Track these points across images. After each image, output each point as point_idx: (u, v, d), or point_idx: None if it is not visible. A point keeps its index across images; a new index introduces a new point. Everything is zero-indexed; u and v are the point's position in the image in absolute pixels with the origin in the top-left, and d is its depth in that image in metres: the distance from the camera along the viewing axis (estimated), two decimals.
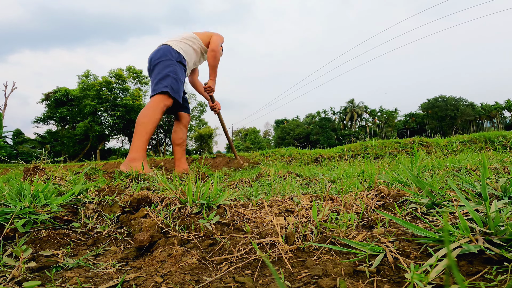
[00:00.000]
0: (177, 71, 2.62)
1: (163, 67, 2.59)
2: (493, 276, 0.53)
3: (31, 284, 0.57)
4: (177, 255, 0.72)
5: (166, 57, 2.63)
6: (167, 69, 2.57)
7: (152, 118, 2.45)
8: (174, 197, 1.05)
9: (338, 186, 1.28)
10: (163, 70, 2.58)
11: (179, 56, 2.71)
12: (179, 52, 2.72)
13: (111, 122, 29.79)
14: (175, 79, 2.58)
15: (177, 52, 2.70)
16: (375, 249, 0.66)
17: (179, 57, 2.70)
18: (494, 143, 4.08)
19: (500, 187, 0.93)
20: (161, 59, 2.62)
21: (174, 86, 2.57)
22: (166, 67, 2.59)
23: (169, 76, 2.56)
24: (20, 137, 27.45)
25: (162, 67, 2.59)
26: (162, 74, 2.56)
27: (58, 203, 1.01)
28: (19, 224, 0.85)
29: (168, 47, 2.69)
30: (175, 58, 2.66)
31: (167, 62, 2.61)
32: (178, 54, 2.70)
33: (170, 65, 2.60)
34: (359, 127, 65.47)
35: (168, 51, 2.65)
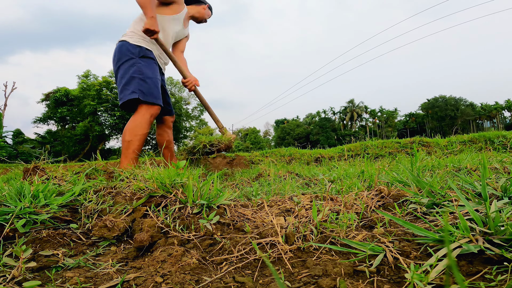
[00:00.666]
0: (141, 69, 2.25)
1: (126, 69, 2.25)
2: (493, 276, 0.53)
3: (31, 284, 0.57)
4: (177, 255, 0.72)
5: (126, 56, 2.26)
6: (130, 71, 2.23)
7: (138, 135, 2.18)
8: (173, 196, 1.05)
9: (338, 186, 1.28)
10: (126, 73, 2.24)
11: (141, 50, 2.29)
12: (139, 44, 2.30)
13: (111, 122, 29.79)
14: (142, 79, 2.23)
15: (136, 46, 2.29)
16: (375, 249, 0.66)
17: (140, 51, 2.29)
18: (494, 143, 4.08)
19: (500, 187, 0.93)
20: (121, 61, 2.28)
21: (144, 89, 2.21)
22: (128, 68, 2.24)
23: (134, 78, 2.21)
24: (20, 137, 27.46)
25: (124, 70, 2.26)
26: (126, 78, 2.23)
27: (58, 203, 1.01)
28: (19, 224, 0.85)
29: (124, 43, 2.30)
30: (136, 54, 2.27)
31: (128, 63, 2.25)
32: (139, 48, 2.29)
33: (132, 65, 2.24)
34: (359, 127, 65.48)
35: (125, 49, 2.28)
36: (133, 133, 2.17)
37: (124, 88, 2.22)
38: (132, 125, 2.20)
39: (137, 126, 2.19)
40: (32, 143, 26.81)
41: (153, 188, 1.09)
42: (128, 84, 2.21)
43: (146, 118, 2.23)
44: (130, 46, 2.28)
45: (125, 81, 2.22)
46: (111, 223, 0.92)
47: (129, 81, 2.21)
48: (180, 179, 1.14)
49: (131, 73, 2.22)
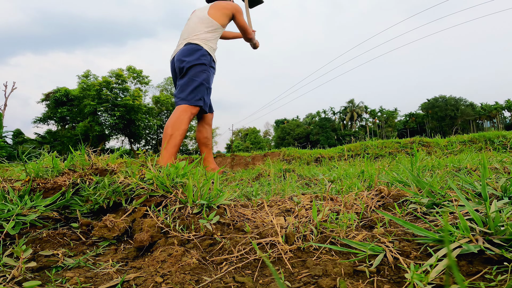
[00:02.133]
0: (209, 78, 2.40)
1: (196, 74, 2.35)
2: (493, 276, 0.53)
3: (31, 284, 0.57)
4: (177, 255, 0.72)
5: (199, 61, 2.36)
6: (201, 77, 2.35)
7: (180, 130, 2.27)
8: (173, 196, 1.05)
9: (338, 186, 1.28)
10: (196, 77, 2.34)
11: (211, 59, 2.45)
12: (210, 53, 2.45)
13: (111, 122, 29.81)
14: (208, 88, 2.39)
15: (209, 54, 2.44)
16: (375, 249, 0.66)
17: (210, 61, 2.44)
18: (494, 143, 4.08)
19: (500, 187, 0.93)
20: (194, 62, 2.36)
21: (206, 98, 2.38)
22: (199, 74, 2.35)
23: (202, 85, 2.35)
24: (20, 137, 27.47)
25: (194, 73, 2.35)
26: (196, 83, 2.33)
27: (46, 204, 1.01)
28: (9, 226, 0.85)
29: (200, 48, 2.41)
30: (208, 62, 2.41)
31: (200, 68, 2.36)
32: (210, 57, 2.44)
33: (204, 71, 2.37)
34: (359, 127, 65.50)
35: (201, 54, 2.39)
36: (176, 127, 2.26)
37: (192, 92, 2.33)
38: (176, 120, 2.29)
39: (181, 121, 2.29)
40: (32, 143, 26.83)
41: (153, 188, 1.09)
42: (197, 89, 2.33)
43: (188, 115, 2.32)
44: (204, 51, 2.42)
45: (195, 85, 2.33)
46: (111, 223, 0.92)
47: (197, 87, 2.34)
48: (180, 179, 1.14)
49: (201, 80, 2.35)
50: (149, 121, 33.18)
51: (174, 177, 1.14)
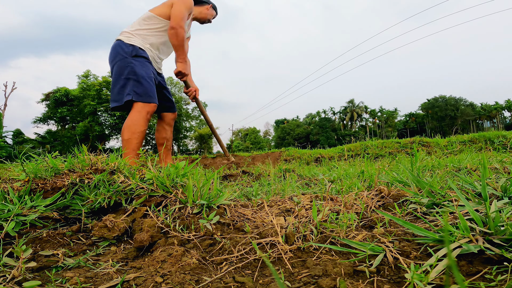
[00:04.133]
0: (134, 69, 2.24)
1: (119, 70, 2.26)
2: (493, 276, 0.53)
3: (31, 284, 0.57)
4: (177, 255, 0.72)
5: (119, 55, 2.27)
6: (124, 72, 2.24)
7: (136, 133, 2.17)
8: (173, 196, 1.05)
9: (338, 186, 1.28)
10: (120, 74, 2.25)
11: (134, 49, 2.29)
12: (133, 44, 2.30)
13: (111, 122, 29.82)
14: (136, 80, 2.23)
15: (130, 45, 2.30)
16: (375, 249, 0.66)
17: (133, 50, 2.29)
18: (494, 143, 4.08)
19: (500, 187, 0.93)
20: (115, 60, 2.29)
21: (137, 89, 2.21)
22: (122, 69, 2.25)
23: (128, 79, 2.22)
24: (20, 137, 27.48)
25: (118, 70, 2.27)
26: (121, 80, 2.24)
27: (46, 204, 1.01)
28: (9, 227, 0.85)
29: (119, 42, 2.32)
30: (129, 53, 2.27)
31: (122, 63, 2.26)
32: (132, 47, 2.29)
33: (126, 66, 2.25)
34: (359, 127, 65.51)
35: (119, 48, 2.29)
36: (131, 131, 2.17)
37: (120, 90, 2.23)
38: (130, 123, 2.19)
39: (134, 123, 2.19)
40: (32, 143, 26.83)
41: (153, 188, 1.09)
42: (124, 87, 2.22)
43: (142, 115, 2.22)
44: (124, 45, 2.29)
45: (121, 83, 2.23)
46: (111, 223, 0.92)
47: (124, 83, 2.22)
48: (180, 179, 1.14)
49: (126, 75, 2.23)
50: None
51: (174, 177, 1.14)
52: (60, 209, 1.09)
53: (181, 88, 41.44)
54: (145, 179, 1.15)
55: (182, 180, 1.15)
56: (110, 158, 1.34)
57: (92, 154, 1.36)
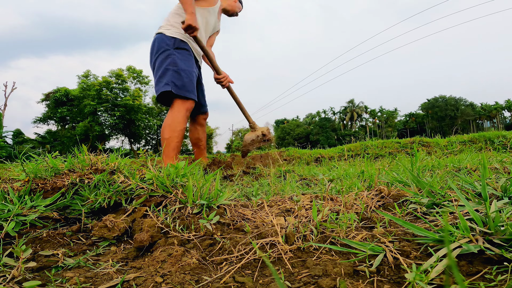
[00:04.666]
0: (176, 61, 2.23)
1: (161, 62, 2.24)
2: (493, 276, 0.53)
3: (31, 284, 0.57)
4: (177, 255, 0.72)
5: (161, 48, 2.26)
6: (165, 63, 2.22)
7: (176, 131, 2.15)
8: (173, 196, 1.05)
9: (338, 186, 1.28)
10: (161, 65, 2.24)
11: (175, 41, 2.29)
12: (174, 36, 2.30)
13: (111, 122, 29.83)
14: (176, 71, 2.20)
15: (172, 37, 2.29)
16: (375, 249, 0.66)
17: (175, 43, 2.28)
18: (494, 143, 4.08)
19: (500, 187, 0.93)
20: (158, 52, 2.27)
21: (177, 81, 2.19)
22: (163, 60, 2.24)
23: (168, 70, 2.20)
24: (20, 137, 27.48)
25: (159, 62, 2.25)
26: (161, 70, 2.22)
27: (46, 204, 1.01)
28: (9, 227, 0.85)
29: (160, 35, 2.31)
30: (171, 45, 2.27)
31: (163, 54, 2.25)
32: (174, 39, 2.29)
33: (168, 56, 2.23)
34: (359, 127, 65.50)
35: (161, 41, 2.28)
36: (172, 129, 2.14)
37: (159, 80, 2.21)
38: (170, 121, 2.17)
39: (175, 121, 2.16)
40: (32, 143, 26.84)
41: (153, 188, 1.09)
42: (163, 76, 2.20)
43: (182, 113, 2.19)
44: (165, 37, 2.28)
45: (160, 73, 2.21)
46: (111, 223, 0.91)
47: (163, 73, 2.20)
48: (180, 179, 1.14)
49: (166, 65, 2.21)
50: (149, 121, 33.21)
51: (174, 177, 1.14)
52: (60, 209, 1.09)
53: None
54: (145, 179, 1.15)
55: (182, 180, 1.15)
56: (110, 158, 1.34)
57: (92, 154, 1.36)
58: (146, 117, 32.77)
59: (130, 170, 1.24)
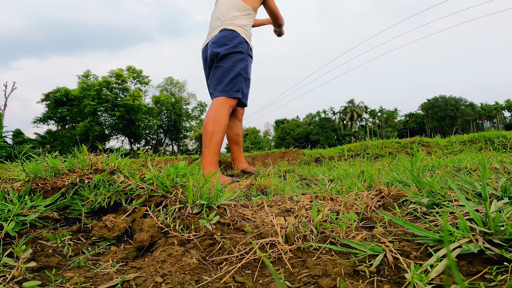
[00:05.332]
0: (247, 68, 2.20)
1: (234, 63, 2.15)
2: (493, 276, 0.53)
3: (31, 284, 0.57)
4: (177, 255, 0.72)
5: (237, 48, 2.16)
6: (239, 67, 2.15)
7: (221, 125, 2.09)
8: (173, 196, 1.05)
9: (338, 186, 1.28)
10: (234, 67, 2.14)
11: (248, 47, 2.25)
12: (247, 41, 2.24)
13: (111, 122, 29.85)
14: (246, 79, 2.19)
15: (246, 42, 2.23)
16: (375, 249, 0.66)
17: (248, 49, 2.24)
18: (494, 143, 4.08)
19: (500, 187, 0.93)
20: (232, 50, 2.15)
21: (244, 89, 2.19)
22: (237, 63, 2.15)
23: (240, 75, 2.15)
24: (20, 137, 27.49)
25: (232, 62, 2.15)
26: (234, 73, 2.14)
27: (46, 204, 1.01)
28: (9, 227, 0.85)
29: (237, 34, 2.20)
30: (246, 50, 2.21)
31: (238, 56, 2.16)
32: (248, 45, 2.24)
33: (242, 60, 2.17)
34: (359, 127, 65.51)
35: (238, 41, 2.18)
36: (216, 123, 2.09)
37: (230, 83, 2.16)
38: (215, 115, 2.12)
39: (220, 116, 2.12)
40: (32, 143, 26.84)
41: (153, 188, 1.09)
42: (235, 80, 2.15)
43: (226, 108, 2.15)
44: (242, 39, 2.22)
45: (233, 75, 2.15)
46: (111, 223, 0.91)
47: (235, 77, 2.15)
48: (180, 179, 1.14)
49: (239, 70, 2.16)
50: (149, 121, 33.23)
51: (174, 177, 1.14)
52: (60, 209, 1.09)
53: (181, 88, 41.45)
54: (145, 179, 1.15)
55: (182, 180, 1.15)
56: (110, 158, 1.34)
57: (92, 154, 1.36)
58: (146, 117, 32.79)
59: (130, 170, 1.24)
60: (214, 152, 2.07)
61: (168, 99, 36.93)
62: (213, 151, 2.07)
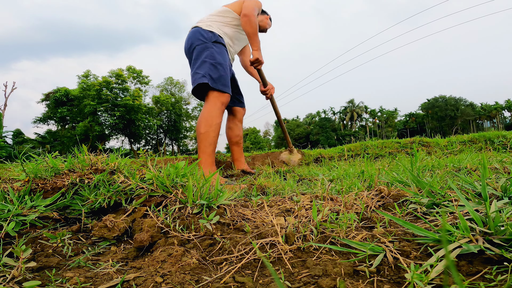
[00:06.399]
0: (213, 54, 2.21)
1: (198, 54, 2.23)
2: (493, 276, 0.53)
3: (31, 284, 0.57)
4: (177, 255, 0.72)
5: (198, 40, 2.25)
6: (202, 55, 2.21)
7: (212, 125, 2.11)
8: (173, 196, 1.05)
9: (338, 186, 1.28)
10: (198, 57, 2.22)
11: (214, 35, 2.29)
12: (212, 31, 2.30)
13: (111, 122, 29.85)
14: (213, 64, 2.18)
15: (210, 31, 2.29)
16: (375, 249, 0.66)
17: (213, 37, 2.28)
18: (494, 143, 4.08)
19: (500, 187, 0.93)
20: (194, 44, 2.26)
21: (213, 74, 2.16)
22: (200, 53, 2.22)
23: (205, 62, 2.18)
24: (20, 137, 27.49)
25: (196, 54, 2.24)
26: (198, 62, 2.20)
27: (46, 204, 1.01)
28: (9, 227, 0.85)
29: (198, 29, 2.31)
30: (209, 39, 2.26)
31: (200, 47, 2.23)
32: (212, 34, 2.29)
33: (205, 49, 2.22)
34: (359, 127, 65.49)
35: (198, 33, 2.28)
36: (208, 124, 2.10)
37: (196, 72, 2.19)
38: (206, 115, 2.13)
39: (210, 115, 2.13)
40: (32, 143, 26.84)
41: (153, 188, 1.09)
42: (199, 68, 2.17)
43: (217, 106, 2.17)
44: (203, 31, 2.27)
45: (197, 65, 2.20)
46: (111, 223, 0.91)
47: (200, 65, 2.18)
48: (180, 179, 1.14)
49: (203, 57, 2.19)
50: (149, 121, 33.23)
51: (174, 177, 1.14)
52: (60, 209, 1.09)
53: (181, 88, 41.45)
54: (145, 179, 1.15)
55: (182, 180, 1.15)
56: (110, 158, 1.34)
57: (92, 154, 1.36)
58: (146, 117, 32.79)
59: (130, 170, 1.24)
60: (208, 153, 2.08)
61: (168, 99, 36.94)
62: (207, 152, 2.08)
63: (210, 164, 2.09)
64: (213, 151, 2.11)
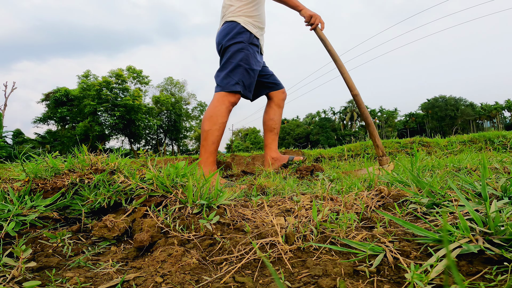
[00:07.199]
0: (249, 58, 2.12)
1: (232, 55, 2.11)
2: (493, 276, 0.53)
3: (31, 284, 0.57)
4: (177, 255, 0.72)
5: (234, 40, 2.11)
6: (237, 57, 2.10)
7: (217, 124, 2.05)
8: (173, 196, 1.05)
9: (338, 186, 1.28)
10: (232, 58, 2.10)
11: (250, 36, 2.15)
12: (249, 29, 2.15)
13: (111, 122, 29.86)
14: (247, 70, 2.10)
15: (248, 31, 2.15)
16: (375, 249, 0.66)
17: (250, 37, 2.15)
18: (494, 143, 4.08)
19: (500, 187, 0.93)
20: (228, 43, 2.12)
21: (246, 81, 2.10)
22: (235, 54, 2.10)
23: (240, 67, 2.08)
24: (20, 137, 27.50)
25: (230, 54, 2.11)
26: (232, 65, 2.09)
27: (46, 204, 1.01)
28: (9, 227, 0.85)
29: (236, 24, 2.15)
30: (246, 39, 2.13)
31: (237, 46, 2.11)
32: (249, 34, 2.15)
33: (241, 50, 2.10)
34: (359, 127, 65.48)
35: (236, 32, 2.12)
36: (213, 122, 2.05)
37: (228, 75, 2.09)
38: (212, 113, 2.06)
39: (217, 114, 2.07)
40: (32, 143, 26.84)
41: (153, 188, 1.09)
42: (233, 72, 2.08)
43: (225, 105, 2.08)
44: (242, 29, 2.15)
45: (232, 67, 2.09)
46: (111, 223, 0.91)
47: (234, 68, 2.09)
48: (180, 179, 1.14)
49: (238, 60, 2.10)
50: (149, 121, 33.24)
51: (174, 177, 1.14)
52: (60, 209, 1.09)
53: (181, 88, 41.48)
54: (145, 179, 1.15)
55: (182, 180, 1.15)
56: (110, 158, 1.34)
57: (92, 154, 1.36)
58: (146, 117, 32.80)
59: (130, 170, 1.24)
60: (210, 151, 2.06)
61: (168, 99, 36.95)
62: (209, 150, 2.06)
63: (210, 163, 2.08)
64: (215, 149, 2.09)
